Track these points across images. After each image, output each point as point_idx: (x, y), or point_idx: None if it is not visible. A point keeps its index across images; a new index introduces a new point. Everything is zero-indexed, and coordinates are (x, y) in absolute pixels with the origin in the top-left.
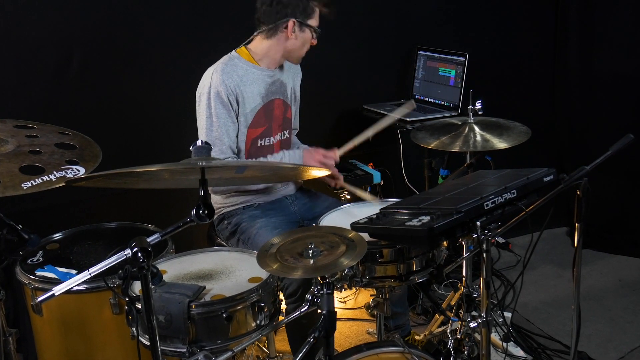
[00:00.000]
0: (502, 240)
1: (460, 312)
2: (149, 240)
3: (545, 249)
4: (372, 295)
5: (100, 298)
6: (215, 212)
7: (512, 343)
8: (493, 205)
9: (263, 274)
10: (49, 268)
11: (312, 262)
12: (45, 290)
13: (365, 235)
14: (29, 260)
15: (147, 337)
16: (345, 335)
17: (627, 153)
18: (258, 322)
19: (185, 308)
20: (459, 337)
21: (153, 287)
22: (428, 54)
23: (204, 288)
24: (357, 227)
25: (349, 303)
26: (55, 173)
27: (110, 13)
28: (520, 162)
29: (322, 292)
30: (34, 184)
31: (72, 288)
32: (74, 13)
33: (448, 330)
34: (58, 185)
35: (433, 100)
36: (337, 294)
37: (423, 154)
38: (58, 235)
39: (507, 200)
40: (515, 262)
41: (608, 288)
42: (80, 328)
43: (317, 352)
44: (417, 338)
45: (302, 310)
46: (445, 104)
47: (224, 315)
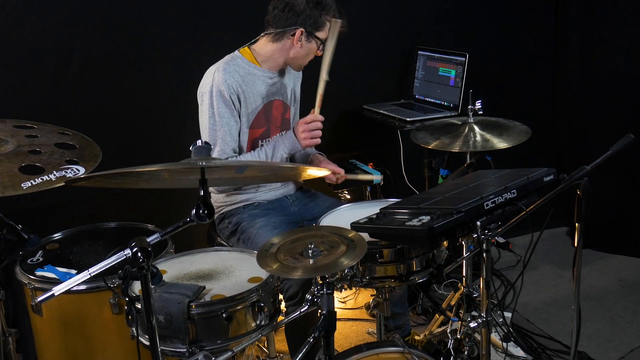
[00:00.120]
0: (502, 240)
1: (460, 312)
2: (149, 240)
3: (546, 249)
4: (372, 296)
5: (100, 298)
6: (216, 211)
7: (512, 343)
8: (493, 205)
9: (263, 274)
10: (49, 268)
11: (312, 262)
12: (45, 290)
13: (365, 235)
14: (29, 260)
15: (146, 337)
16: (345, 335)
17: (627, 153)
18: (258, 322)
19: (185, 308)
20: (459, 337)
21: (153, 287)
22: (428, 54)
23: (204, 288)
24: (357, 227)
25: (349, 303)
26: (55, 173)
27: (110, 13)
28: (521, 162)
29: (322, 292)
30: (34, 184)
31: (71, 288)
32: (74, 13)
33: (448, 331)
34: (58, 185)
35: (433, 100)
36: (337, 294)
37: (423, 154)
38: (58, 235)
39: (507, 200)
40: (516, 262)
41: (608, 288)
42: (80, 328)
43: (317, 352)
44: (417, 338)
45: (302, 311)
46: (445, 104)
47: (224, 315)
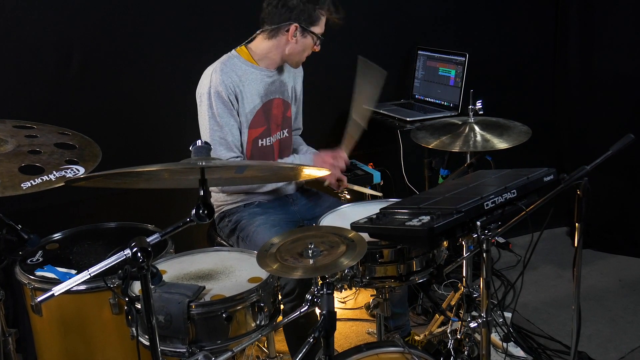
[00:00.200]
0: (502, 240)
1: (461, 312)
2: (149, 240)
3: (546, 249)
4: (372, 296)
5: (100, 298)
6: (216, 210)
7: (512, 343)
8: (493, 205)
9: (263, 274)
10: (49, 268)
11: (312, 262)
12: (45, 291)
13: (365, 235)
14: (29, 260)
15: (146, 337)
16: (345, 336)
17: (627, 153)
18: (258, 322)
19: (185, 308)
20: (459, 337)
21: (153, 287)
22: (428, 54)
23: (204, 288)
24: (357, 227)
25: (349, 303)
26: (55, 173)
27: (110, 13)
28: (521, 162)
29: (322, 292)
30: (34, 184)
31: (71, 288)
32: (74, 13)
33: (448, 331)
34: (58, 185)
35: (433, 100)
36: (337, 294)
37: (423, 154)
38: (58, 235)
39: (507, 200)
40: (516, 262)
41: (608, 288)
42: (80, 328)
43: (317, 352)
44: (417, 338)
45: (302, 311)
46: (446, 104)
47: (224, 316)
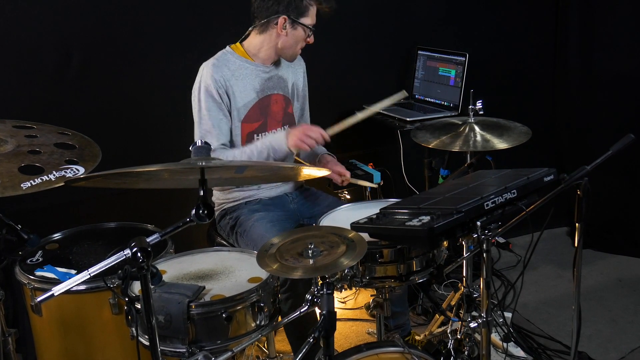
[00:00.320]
0: (502, 240)
1: (461, 312)
2: (149, 240)
3: (546, 249)
4: (372, 296)
5: (100, 298)
6: (217, 208)
7: (512, 343)
8: (493, 205)
9: (263, 274)
10: (49, 268)
11: (312, 262)
12: (45, 291)
13: (365, 235)
14: (29, 260)
15: (146, 337)
16: (345, 336)
17: (627, 153)
18: (258, 322)
19: (185, 308)
20: (459, 337)
21: (152, 287)
22: (428, 54)
23: (204, 288)
24: (357, 227)
25: (349, 303)
26: (55, 173)
27: (110, 13)
28: (521, 162)
29: (322, 292)
30: (34, 184)
31: (71, 288)
32: (74, 13)
33: (448, 331)
34: (57, 185)
35: (433, 100)
36: (337, 294)
37: (423, 154)
38: (57, 235)
39: (507, 200)
40: (516, 262)
41: (608, 288)
42: (80, 328)
43: (317, 352)
44: (417, 338)
45: (302, 311)
46: (446, 104)
47: (224, 316)
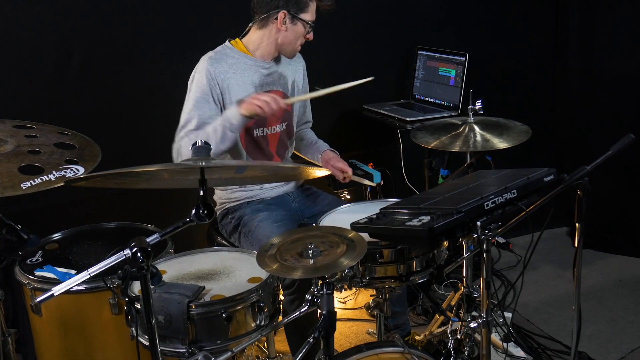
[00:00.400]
0: (502, 240)
1: (461, 312)
2: (149, 241)
3: (546, 249)
4: (372, 296)
5: (100, 298)
6: (219, 207)
7: (512, 343)
8: (493, 205)
9: (263, 274)
10: (48, 268)
11: (312, 262)
12: (45, 291)
13: (365, 235)
14: (28, 260)
15: (146, 337)
16: (345, 336)
17: (627, 153)
18: (258, 322)
19: (185, 308)
20: (459, 337)
21: (152, 287)
22: (428, 54)
23: (204, 288)
24: (357, 227)
25: (349, 303)
26: (55, 173)
27: (110, 13)
28: (521, 162)
29: (322, 292)
30: (33, 184)
31: (71, 288)
32: (74, 13)
33: (448, 331)
34: (57, 185)
35: (433, 100)
36: (337, 294)
37: (423, 154)
38: (57, 235)
39: (507, 200)
40: (516, 262)
41: (608, 288)
42: (80, 328)
43: (317, 352)
44: (417, 338)
45: (302, 311)
46: (446, 104)
47: (224, 316)
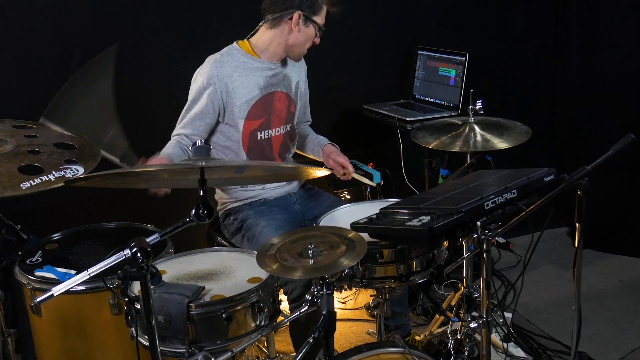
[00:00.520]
0: (502, 241)
1: (461, 312)
2: (148, 241)
3: (546, 249)
4: (372, 296)
5: (100, 298)
6: (221, 207)
7: (512, 343)
8: (493, 205)
9: (263, 274)
10: (48, 268)
11: (312, 262)
12: (44, 291)
13: (365, 236)
14: (28, 261)
15: (146, 337)
16: (345, 336)
17: (628, 153)
18: (258, 322)
19: (185, 308)
20: (460, 337)
21: (152, 287)
22: (428, 54)
23: (204, 288)
24: (357, 227)
25: (349, 303)
26: (55, 173)
27: (110, 13)
28: (521, 162)
29: (322, 292)
30: (33, 184)
31: (71, 288)
32: (74, 13)
33: (448, 331)
34: (57, 185)
35: (433, 100)
36: (337, 295)
37: (423, 154)
38: (57, 236)
39: (507, 200)
40: (516, 262)
41: (609, 288)
42: (80, 328)
43: (317, 352)
44: (417, 338)
45: (302, 311)
46: (446, 104)
47: (224, 316)
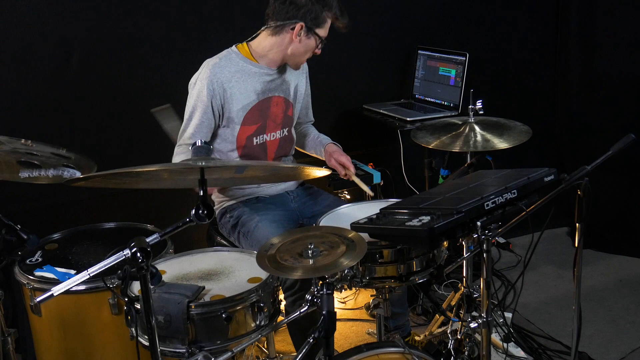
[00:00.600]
0: (502, 241)
1: (461, 312)
2: (148, 241)
3: (546, 249)
4: (372, 296)
5: (99, 298)
6: (217, 206)
7: (512, 343)
8: (494, 205)
9: (262, 274)
10: (48, 268)
11: (311, 262)
12: (44, 291)
13: (365, 236)
14: (28, 261)
15: (146, 337)
16: (345, 336)
17: (628, 153)
18: (257, 322)
19: (185, 308)
20: (460, 337)
21: (152, 287)
22: (428, 54)
23: (204, 288)
24: (357, 227)
25: (349, 303)
26: (52, 171)
27: (110, 13)
28: (521, 162)
29: (321, 292)
30: (32, 176)
31: (71, 288)
32: (74, 13)
33: (448, 331)
34: (56, 182)
35: (433, 100)
36: (337, 295)
37: (423, 154)
38: (57, 235)
39: (507, 200)
40: (516, 262)
41: (609, 288)
42: (79, 328)
43: (317, 352)
44: (417, 338)
45: (302, 311)
46: (446, 104)
47: (224, 316)
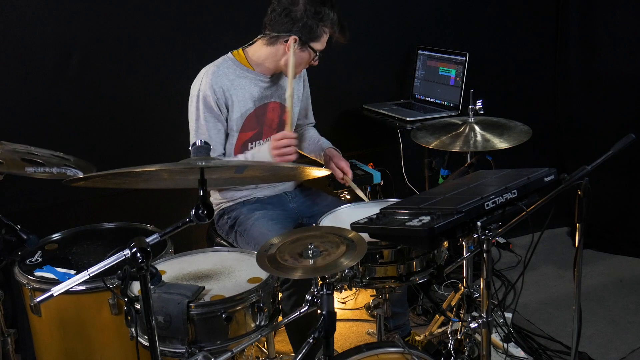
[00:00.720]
0: (502, 241)
1: (461, 312)
2: (148, 241)
3: (546, 249)
4: (372, 296)
5: (99, 298)
6: (216, 207)
7: (512, 344)
8: (494, 206)
9: (262, 274)
10: (48, 268)
11: (311, 262)
12: (44, 291)
13: (365, 236)
14: (28, 261)
15: (146, 337)
16: (345, 336)
17: (628, 153)
18: (257, 322)
19: (185, 308)
20: (460, 337)
21: (152, 287)
22: (428, 54)
23: (203, 288)
24: (357, 227)
25: (349, 304)
26: (56, 169)
27: (110, 13)
28: (521, 162)
29: (322, 292)
30: (38, 171)
31: (70, 288)
32: (74, 13)
33: (448, 331)
34: (61, 178)
35: (433, 100)
36: (337, 295)
37: (423, 154)
38: (57, 236)
39: (507, 201)
40: (516, 262)
41: (609, 288)
42: (79, 329)
43: (317, 352)
44: (417, 339)
45: (302, 311)
46: (446, 104)
47: (224, 316)
